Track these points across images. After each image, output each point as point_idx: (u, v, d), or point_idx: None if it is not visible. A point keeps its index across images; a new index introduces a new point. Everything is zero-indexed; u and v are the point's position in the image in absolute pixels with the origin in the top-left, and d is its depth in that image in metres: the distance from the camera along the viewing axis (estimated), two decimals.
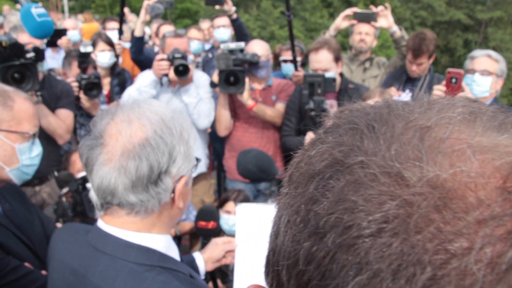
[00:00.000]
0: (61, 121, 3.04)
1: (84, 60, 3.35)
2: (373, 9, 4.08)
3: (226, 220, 2.77)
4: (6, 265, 1.53)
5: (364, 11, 4.14)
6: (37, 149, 1.71)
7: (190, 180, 1.19)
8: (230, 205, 2.80)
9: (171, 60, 3.30)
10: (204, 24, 6.43)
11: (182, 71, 3.26)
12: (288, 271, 0.37)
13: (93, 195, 1.13)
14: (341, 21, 4.12)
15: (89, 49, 3.30)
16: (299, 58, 4.06)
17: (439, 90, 3.05)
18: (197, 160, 1.23)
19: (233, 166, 3.78)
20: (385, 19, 4.01)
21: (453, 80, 3.00)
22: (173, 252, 1.18)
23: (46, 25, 2.67)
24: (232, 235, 2.77)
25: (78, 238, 1.21)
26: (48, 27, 2.70)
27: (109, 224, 1.12)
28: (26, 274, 1.61)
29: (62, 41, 4.56)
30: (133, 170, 1.04)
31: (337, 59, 3.27)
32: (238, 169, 1.99)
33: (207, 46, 5.96)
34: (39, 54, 2.67)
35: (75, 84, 3.35)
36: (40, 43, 3.04)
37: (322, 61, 3.22)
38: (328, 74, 3.13)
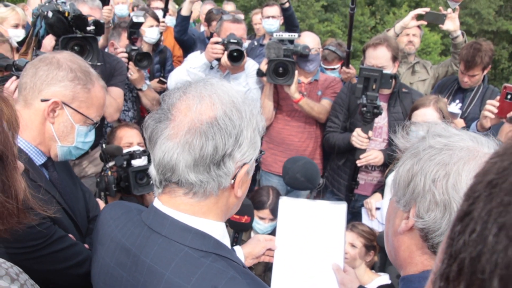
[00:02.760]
0: (113, 99, 3.03)
1: (135, 31, 3.31)
2: (442, 11, 3.93)
3: (259, 225, 2.76)
4: (52, 233, 1.51)
5: (436, 12, 3.99)
6: (91, 137, 1.72)
7: (252, 169, 1.15)
8: (265, 213, 2.78)
9: (225, 44, 3.24)
10: (229, 6, 6.27)
11: (237, 57, 3.21)
12: (504, 281, 0.39)
13: (152, 171, 1.10)
14: (409, 20, 3.95)
15: (141, 19, 3.25)
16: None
17: (491, 105, 2.93)
18: (261, 152, 1.18)
19: (269, 158, 3.74)
20: (452, 22, 3.85)
21: (509, 96, 2.87)
22: (226, 241, 1.15)
23: None
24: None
25: (131, 217, 1.18)
26: None
27: (165, 205, 1.09)
28: (71, 245, 1.57)
29: (103, 11, 4.36)
30: (198, 147, 1.00)
31: (394, 58, 3.17)
32: (285, 178, 1.95)
33: None
34: (99, 28, 2.65)
35: (124, 55, 3.32)
36: (99, 16, 3.00)
37: (380, 57, 3.12)
38: (386, 70, 3.04)
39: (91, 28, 2.61)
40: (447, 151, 0.99)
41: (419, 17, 3.97)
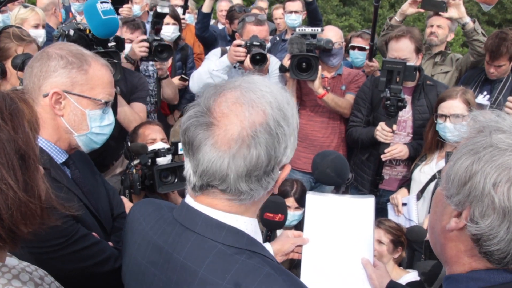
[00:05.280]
0: (136, 114, 3.01)
1: (159, 21, 3.26)
2: None
3: None
4: (75, 232, 1.49)
5: None
6: (109, 119, 1.66)
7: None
8: (289, 201, 2.75)
9: (248, 47, 3.21)
10: (262, 3, 6.26)
11: (259, 60, 3.17)
12: None
13: (190, 175, 1.05)
14: (407, 7, 3.81)
15: (165, 10, 3.20)
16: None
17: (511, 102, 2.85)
18: None
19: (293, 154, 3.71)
20: (456, 9, 3.65)
21: None
22: (258, 237, 1.12)
23: (111, 23, 2.58)
24: (289, 227, 2.73)
25: (162, 214, 1.17)
26: (113, 26, 2.60)
27: (198, 202, 1.07)
28: (94, 244, 1.55)
29: (123, 9, 4.24)
30: (254, 158, 0.97)
31: (418, 50, 3.10)
32: (314, 172, 1.91)
33: None
34: (120, 44, 2.64)
35: (145, 44, 3.25)
36: (120, 32, 2.99)
37: (403, 49, 3.06)
38: (409, 63, 2.97)
39: (112, 44, 2.60)
40: None
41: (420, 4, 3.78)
